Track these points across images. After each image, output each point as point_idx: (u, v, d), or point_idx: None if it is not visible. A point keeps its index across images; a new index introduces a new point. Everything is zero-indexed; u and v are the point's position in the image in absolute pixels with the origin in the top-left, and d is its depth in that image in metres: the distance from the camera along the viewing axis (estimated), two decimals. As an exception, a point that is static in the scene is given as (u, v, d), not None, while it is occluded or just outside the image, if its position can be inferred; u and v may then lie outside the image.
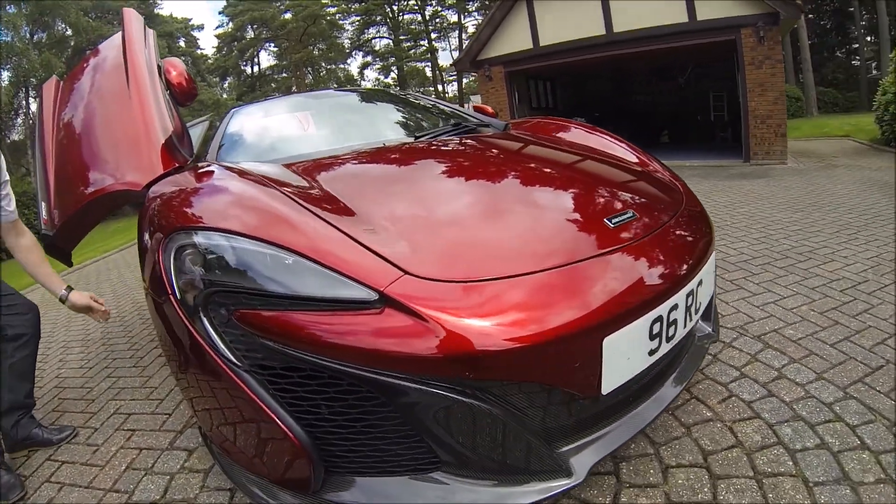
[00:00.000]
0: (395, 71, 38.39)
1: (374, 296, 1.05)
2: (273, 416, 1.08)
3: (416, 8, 36.76)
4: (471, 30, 35.79)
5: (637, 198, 1.54)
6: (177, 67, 2.30)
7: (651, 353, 1.20)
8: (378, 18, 37.17)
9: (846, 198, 5.33)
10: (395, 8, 36.87)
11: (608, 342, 1.09)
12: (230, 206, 1.34)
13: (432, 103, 3.16)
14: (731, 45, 8.93)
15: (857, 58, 26.61)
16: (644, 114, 14.49)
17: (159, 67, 2.20)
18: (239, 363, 1.12)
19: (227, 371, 1.12)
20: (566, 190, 1.56)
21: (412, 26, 37.66)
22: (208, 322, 1.16)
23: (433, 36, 37.64)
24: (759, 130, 8.87)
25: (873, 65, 25.51)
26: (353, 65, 41.23)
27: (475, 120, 2.70)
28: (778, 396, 1.75)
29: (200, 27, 40.84)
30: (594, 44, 9.85)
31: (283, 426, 1.08)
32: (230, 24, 35.47)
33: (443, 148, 2.05)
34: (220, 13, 36.70)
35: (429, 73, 39.83)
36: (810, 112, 20.95)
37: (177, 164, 1.86)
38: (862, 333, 2.21)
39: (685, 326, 1.32)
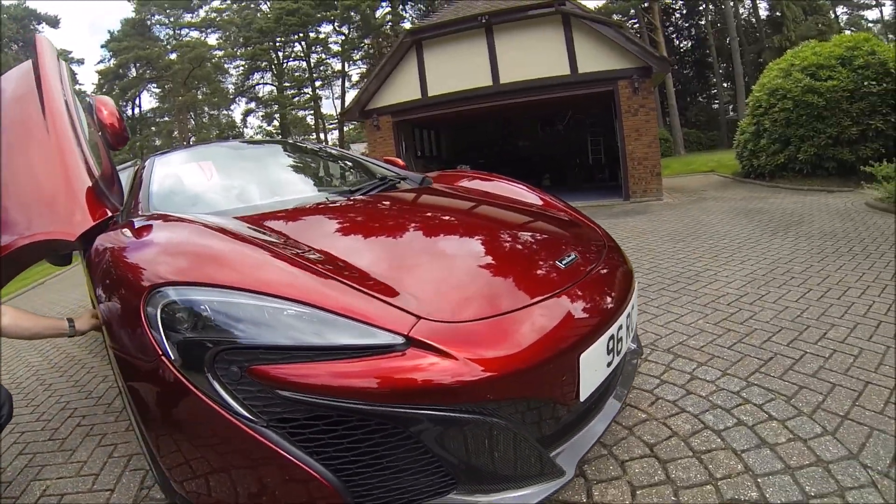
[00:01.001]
0: (278, 118, 39.58)
1: (400, 340, 1.25)
2: (303, 465, 1.17)
3: (302, 55, 38.78)
4: (354, 78, 38.37)
5: (572, 240, 1.99)
6: (108, 106, 2.33)
7: (608, 364, 1.57)
8: (263, 64, 38.52)
9: (717, 226, 6.52)
10: (280, 54, 38.56)
11: (583, 358, 1.43)
12: (215, 257, 1.43)
13: (353, 157, 3.55)
14: (608, 95, 10.52)
15: (717, 102, 32.20)
16: (526, 158, 16.14)
17: (90, 106, 2.24)
18: (256, 419, 1.19)
19: (245, 430, 1.18)
20: (518, 240, 1.93)
21: (296, 74, 39.56)
22: (217, 382, 1.21)
23: (317, 84, 39.64)
24: (636, 171, 10.39)
25: (730, 107, 30.96)
26: (237, 111, 42.00)
27: (395, 173, 3.07)
28: (695, 393, 2.21)
29: (81, 61, 39.75)
30: (482, 94, 11.10)
31: (314, 474, 1.17)
32: (112, 61, 35.34)
33: (391, 203, 2.37)
34: (102, 47, 36.66)
35: (309, 121, 41.46)
36: (678, 151, 24.65)
37: (108, 213, 1.92)
38: (750, 336, 2.84)
39: (626, 342, 1.73)
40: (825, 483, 1.60)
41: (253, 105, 40.66)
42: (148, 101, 39.02)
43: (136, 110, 37.35)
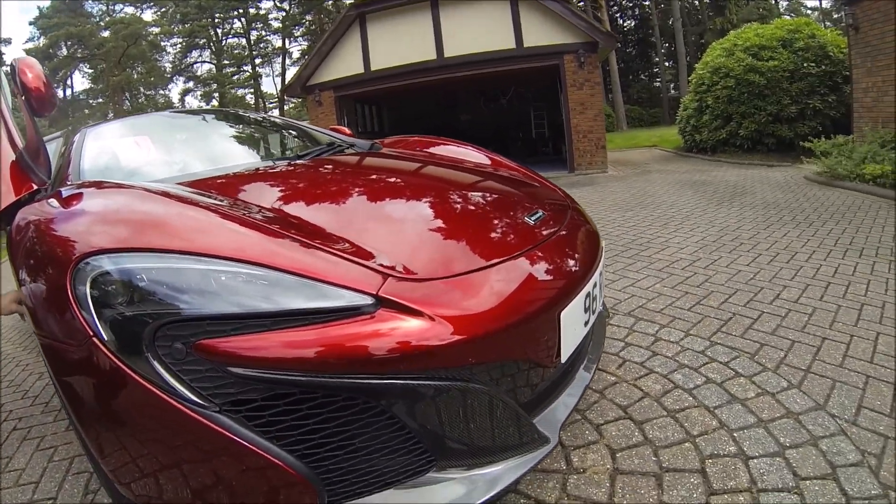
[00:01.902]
0: (217, 97, 37.91)
1: (368, 300, 1.10)
2: (264, 453, 1.02)
3: (242, 32, 37.29)
4: (295, 55, 37.26)
5: (536, 198, 1.87)
6: (33, 69, 2.05)
7: (585, 323, 1.49)
8: (202, 42, 36.84)
9: (664, 197, 6.66)
10: (219, 31, 36.96)
11: (564, 315, 1.33)
12: (157, 223, 1.25)
13: (298, 125, 3.34)
14: (553, 69, 10.51)
15: (659, 80, 33.05)
16: (469, 132, 16.22)
17: (13, 68, 2.00)
18: (206, 404, 1.02)
19: (194, 417, 1.02)
20: (484, 197, 1.78)
21: (236, 51, 38.09)
22: (158, 362, 1.04)
23: (257, 62, 38.24)
24: (581, 144, 10.50)
25: (672, 86, 31.96)
26: (175, 90, 40.74)
27: (344, 140, 2.91)
28: (661, 354, 2.19)
29: (8, 41, 36.91)
30: (426, 68, 10.88)
31: (278, 462, 1.02)
32: (42, 39, 33.05)
33: (344, 165, 2.20)
34: (30, 24, 34.07)
35: (249, 100, 39.84)
36: (621, 127, 25.25)
37: (34, 187, 1.72)
38: (708, 297, 2.87)
39: (599, 300, 1.65)
40: (797, 433, 1.60)
41: (191, 84, 39.14)
42: (80, 81, 37.08)
43: (68, 91, 35.24)
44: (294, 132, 3.15)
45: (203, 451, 1.05)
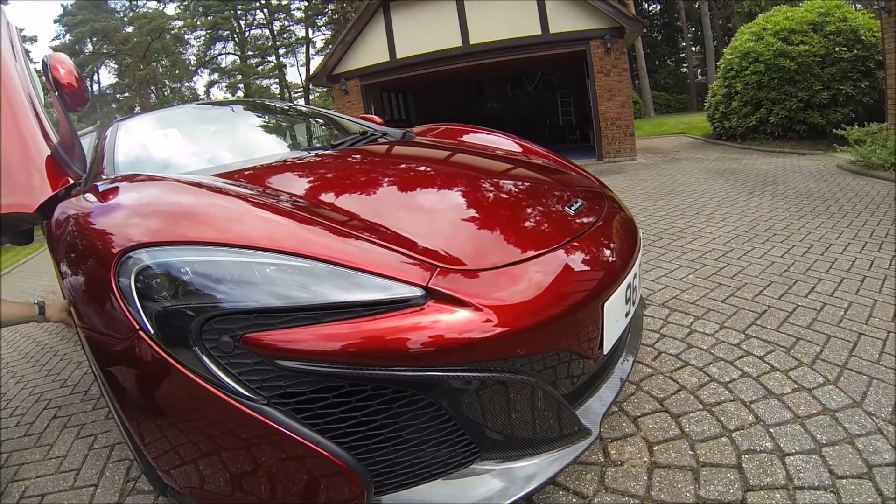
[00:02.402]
0: (242, 88, 38.31)
1: (418, 292, 1.10)
2: (313, 446, 1.03)
3: (264, 22, 37.47)
4: (319, 44, 37.37)
5: (574, 187, 1.86)
6: (64, 65, 2.07)
7: (626, 315, 1.50)
8: (225, 34, 37.12)
9: (695, 185, 6.57)
10: (242, 23, 37.21)
11: (607, 306, 1.34)
12: (194, 216, 1.26)
13: (328, 114, 3.36)
14: (580, 55, 10.38)
15: (686, 65, 32.32)
16: (496, 119, 16.01)
17: (45, 64, 2.03)
18: (255, 397, 1.03)
19: (243, 409, 1.03)
20: (523, 187, 1.77)
21: (259, 42, 38.31)
22: (206, 355, 1.05)
23: (281, 52, 38.39)
24: (609, 131, 10.36)
25: (699, 71, 31.23)
26: (199, 83, 40.62)
27: (376, 129, 2.89)
28: (696, 346, 2.19)
29: (34, 39, 37.52)
30: (451, 55, 10.82)
31: (327, 454, 1.03)
32: (67, 37, 33.59)
33: (382, 155, 2.21)
34: (55, 22, 35.16)
35: (274, 90, 40.05)
36: (648, 114, 24.81)
37: (70, 181, 1.74)
38: (742, 289, 2.85)
39: (638, 292, 1.66)
40: (834, 431, 1.60)
41: (216, 76, 39.52)
42: (107, 76, 38.26)
43: (95, 87, 35.81)
44: (324, 121, 3.17)
45: (250, 442, 1.07)
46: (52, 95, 2.07)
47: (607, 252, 1.48)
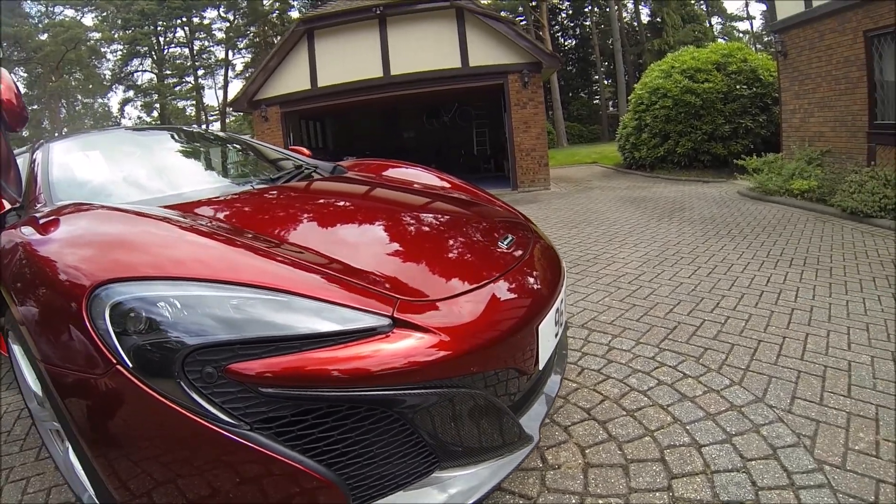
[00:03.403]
0: (158, 108, 37.15)
1: (385, 321, 1.26)
2: (297, 465, 1.12)
3: (184, 41, 36.71)
4: (239, 67, 37.17)
5: (503, 224, 2.10)
6: (2, 80, 2.02)
7: (556, 335, 1.72)
8: (143, 50, 35.75)
9: (607, 213, 7.09)
10: (161, 40, 36.17)
11: (541, 328, 1.56)
12: (169, 249, 1.37)
13: (261, 145, 3.46)
14: (498, 88, 11.02)
15: (598, 98, 34.91)
16: (412, 149, 16.53)
17: None
18: (239, 423, 1.12)
19: (229, 437, 1.10)
20: (458, 224, 2.01)
21: (178, 61, 37.36)
22: (188, 386, 1.12)
23: (200, 73, 37.72)
24: (525, 162, 10.99)
25: (611, 103, 33.80)
26: (114, 100, 39.12)
27: (304, 162, 3.04)
28: (616, 361, 2.43)
29: None
30: (372, 85, 11.19)
31: (310, 471, 1.13)
32: None
33: (325, 191, 2.42)
34: None
35: (190, 112, 39.21)
36: (561, 143, 26.42)
37: (5, 206, 1.77)
38: (654, 308, 3.17)
39: (564, 314, 1.90)
40: (741, 423, 1.87)
41: (131, 94, 37.86)
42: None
43: None
44: (255, 153, 3.28)
45: (236, 467, 1.14)
46: None
47: (538, 281, 1.71)
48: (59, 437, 1.67)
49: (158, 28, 35.60)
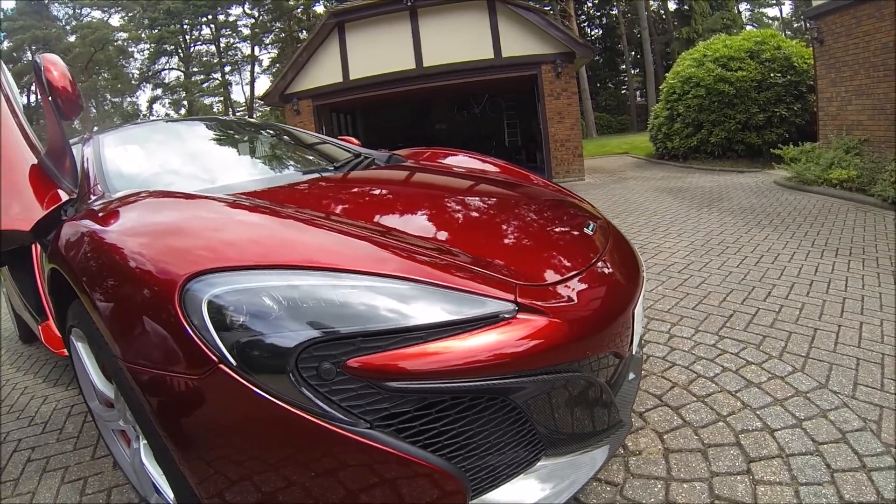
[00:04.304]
0: (186, 105, 37.61)
1: (509, 306, 1.19)
2: (421, 461, 1.05)
3: (211, 38, 37.06)
4: (265, 63, 37.43)
5: (581, 210, 2.06)
6: (58, 67, 1.93)
7: (642, 318, 1.73)
8: (170, 48, 36.25)
9: (646, 203, 7.03)
10: (188, 38, 36.56)
11: (636, 311, 1.54)
12: (272, 238, 1.27)
13: (308, 134, 3.38)
14: (531, 79, 10.91)
15: (626, 88, 34.45)
16: (443, 141, 16.57)
17: (36, 66, 1.91)
18: (359, 422, 1.03)
19: (349, 437, 1.01)
20: (543, 211, 1.94)
21: (205, 58, 37.81)
22: (304, 385, 1.02)
23: (226, 69, 38.07)
24: (559, 152, 10.91)
25: (638, 93, 33.38)
26: (142, 98, 39.50)
27: (359, 152, 2.94)
28: (679, 349, 2.47)
29: None
30: (405, 77, 11.11)
31: (433, 467, 1.06)
32: (6, 43, 31.84)
33: (398, 179, 2.33)
34: None
35: (217, 108, 39.46)
36: (591, 134, 26.06)
37: (62, 197, 1.66)
38: (707, 297, 3.18)
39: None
40: (808, 408, 1.90)
41: (159, 91, 38.45)
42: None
43: (32, 98, 34.21)
44: (313, 141, 3.19)
45: (354, 468, 1.06)
46: (45, 100, 1.93)
47: (627, 264, 1.72)
48: (124, 437, 1.62)
49: (184, 26, 36.01)
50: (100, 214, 1.44)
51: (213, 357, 1.04)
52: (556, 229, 1.78)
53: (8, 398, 3.06)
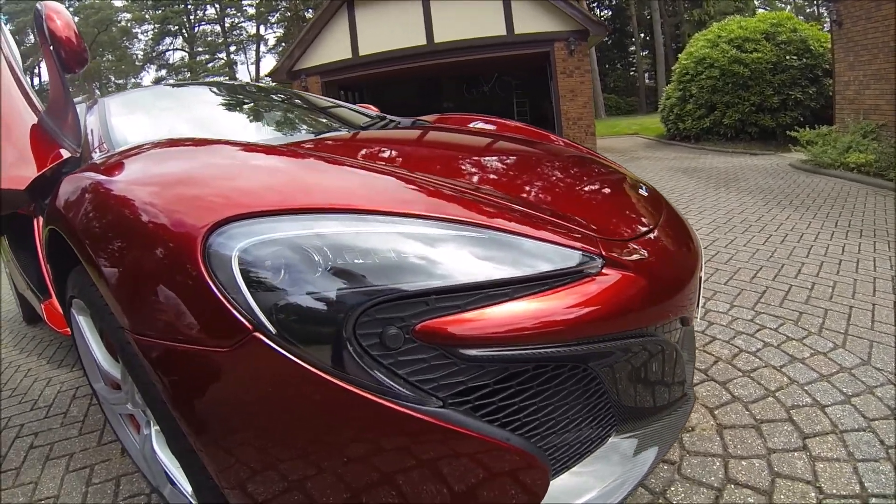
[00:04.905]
0: None
1: (597, 261, 1.02)
2: (501, 442, 0.87)
3: (215, 18, 36.56)
4: (271, 42, 36.98)
5: (622, 172, 1.89)
6: (62, 16, 1.72)
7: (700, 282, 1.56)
8: (174, 28, 35.84)
9: (661, 182, 6.93)
10: (191, 18, 36.07)
11: (700, 273, 1.40)
12: (307, 177, 1.08)
13: (326, 99, 3.18)
14: (542, 56, 10.69)
15: (634, 69, 33.94)
16: None
17: (38, 14, 1.73)
18: (432, 399, 0.84)
19: (420, 418, 0.82)
20: (593, 170, 1.73)
21: (209, 38, 37.40)
22: (363, 356, 0.82)
23: (231, 49, 37.62)
24: (571, 131, 10.71)
25: (646, 75, 32.93)
26: (146, 79, 39.06)
27: (381, 115, 2.82)
28: (717, 323, 2.40)
29: None
30: (415, 53, 10.90)
31: (513, 447, 0.89)
32: (9, 26, 31.09)
33: (436, 136, 2.14)
34: None
35: None
36: (600, 115, 25.69)
37: (62, 156, 1.49)
38: (738, 273, 3.08)
39: None
40: (855, 385, 1.84)
41: (163, 73, 38.00)
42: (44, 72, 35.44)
43: (36, 80, 33.84)
44: (329, 104, 2.98)
45: (425, 456, 0.86)
46: (46, 50, 1.76)
47: (685, 226, 1.60)
48: (132, 422, 1.44)
49: (189, 6, 35.57)
50: (103, 166, 1.21)
51: (247, 324, 0.82)
52: (613, 188, 1.62)
53: (10, 381, 2.85)
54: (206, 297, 0.84)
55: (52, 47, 1.73)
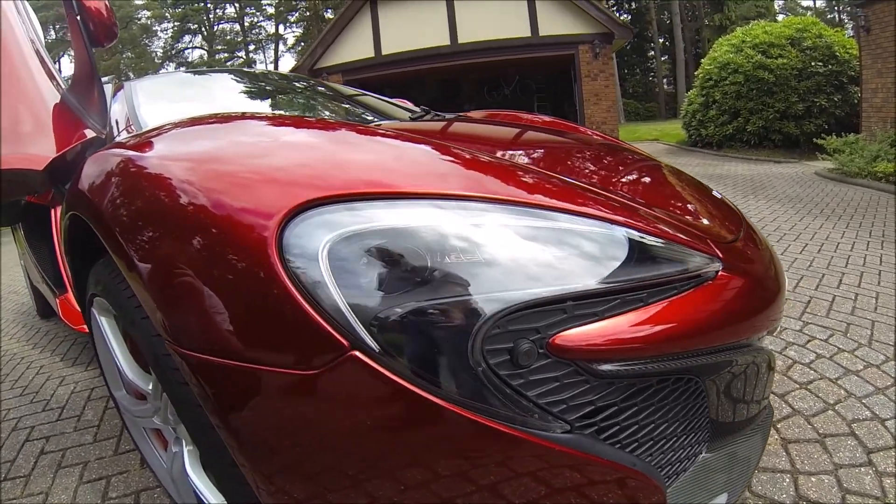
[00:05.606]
0: None
1: (716, 264, 0.92)
2: (624, 466, 0.77)
3: (234, 17, 36.56)
4: (290, 41, 37.00)
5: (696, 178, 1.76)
6: None
7: None
8: (194, 27, 35.87)
9: (688, 188, 6.95)
10: (211, 17, 36.11)
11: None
12: (406, 159, 0.92)
13: (362, 92, 3.09)
14: (566, 59, 10.63)
15: (654, 74, 33.60)
16: None
17: None
18: (552, 426, 0.71)
19: (553, 448, 0.70)
20: (662, 174, 1.56)
21: (228, 37, 37.39)
22: (493, 376, 0.68)
23: (250, 48, 37.65)
24: (595, 135, 10.90)
25: (665, 81, 32.57)
26: None
27: (424, 110, 2.78)
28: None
29: None
30: (438, 53, 10.88)
31: (636, 472, 0.78)
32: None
33: (497, 129, 2.00)
34: None
35: None
36: (619, 120, 25.79)
37: (87, 136, 1.36)
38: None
39: None
40: (911, 400, 1.80)
41: (182, 71, 38.26)
42: (68, 66, 35.86)
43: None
44: (367, 98, 2.88)
45: (548, 489, 0.73)
46: (72, 20, 1.59)
47: (759, 230, 1.50)
48: (158, 437, 1.24)
49: (209, 4, 35.48)
50: (137, 142, 1.01)
51: (342, 340, 0.65)
52: (698, 192, 1.48)
53: (22, 378, 2.66)
54: (283, 305, 0.66)
55: (79, 17, 1.56)
